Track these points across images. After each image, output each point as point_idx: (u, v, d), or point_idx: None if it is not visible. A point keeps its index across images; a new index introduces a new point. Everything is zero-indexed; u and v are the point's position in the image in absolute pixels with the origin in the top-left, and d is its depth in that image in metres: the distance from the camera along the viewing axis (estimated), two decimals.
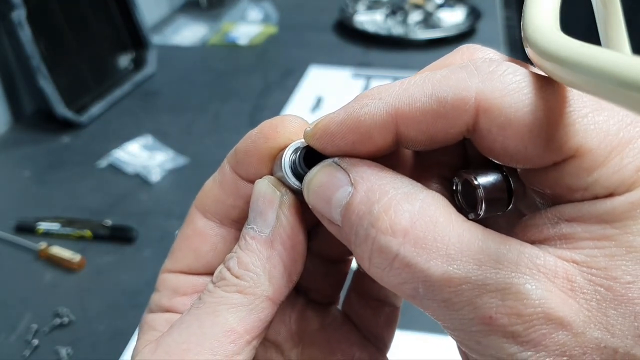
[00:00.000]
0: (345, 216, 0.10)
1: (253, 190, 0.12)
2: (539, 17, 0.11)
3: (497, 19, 0.80)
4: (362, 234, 0.10)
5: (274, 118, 0.13)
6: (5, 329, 0.34)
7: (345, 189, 0.10)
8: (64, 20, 0.58)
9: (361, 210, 0.10)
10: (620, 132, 0.09)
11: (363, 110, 0.11)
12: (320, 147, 0.12)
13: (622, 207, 0.09)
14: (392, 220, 0.10)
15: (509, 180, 0.11)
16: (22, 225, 0.42)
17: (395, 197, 0.10)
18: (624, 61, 0.08)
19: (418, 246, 0.09)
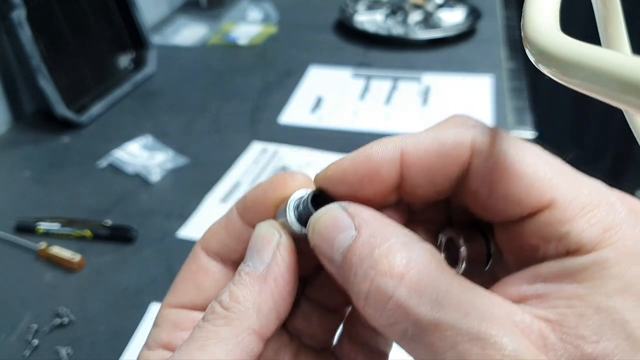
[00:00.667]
0: (347, 257, 0.11)
1: (254, 231, 0.14)
2: (539, 17, 0.11)
3: (497, 19, 0.80)
4: (361, 275, 0.11)
5: (285, 173, 0.14)
6: (5, 329, 0.34)
7: (349, 232, 0.12)
8: (64, 21, 0.58)
9: (363, 253, 0.11)
10: (592, 194, 0.11)
11: (373, 149, 0.13)
12: (332, 185, 0.13)
13: (592, 267, 0.10)
14: (391, 264, 0.11)
15: (489, 243, 0.12)
16: (22, 225, 0.42)
17: (395, 244, 0.11)
18: (624, 61, 0.08)
19: (412, 290, 0.10)
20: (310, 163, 0.49)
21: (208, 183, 0.47)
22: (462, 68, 0.65)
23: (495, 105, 0.57)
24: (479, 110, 0.57)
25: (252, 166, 0.49)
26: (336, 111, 0.58)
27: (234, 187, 0.46)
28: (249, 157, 0.51)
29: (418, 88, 0.61)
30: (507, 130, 0.53)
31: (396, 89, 0.61)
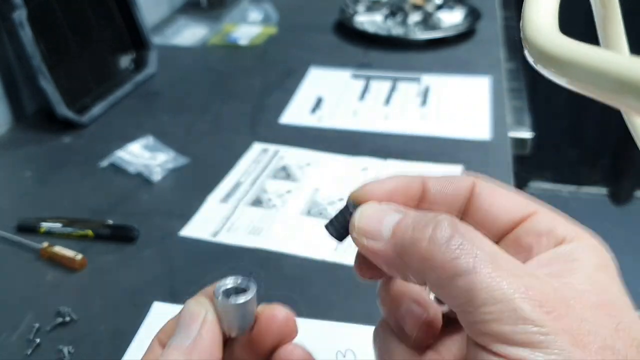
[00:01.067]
0: (397, 229, 0.13)
1: (183, 307, 0.16)
2: (538, 17, 0.12)
3: (497, 19, 0.80)
4: (419, 233, 0.13)
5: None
6: (7, 328, 0.34)
7: (395, 215, 0.14)
8: (64, 21, 0.58)
9: (413, 223, 0.13)
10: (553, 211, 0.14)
11: (402, 174, 0.15)
12: (368, 196, 0.15)
13: (577, 250, 0.14)
14: (441, 224, 0.13)
15: None
16: (24, 225, 0.42)
17: (438, 218, 0.13)
18: (622, 62, 0.09)
19: (470, 230, 0.13)
20: (310, 163, 0.50)
21: (209, 183, 0.47)
22: (461, 68, 0.66)
23: (494, 106, 0.57)
24: (478, 110, 0.57)
25: (253, 166, 0.50)
26: (336, 111, 0.58)
27: (235, 187, 0.47)
28: (249, 157, 0.51)
29: (417, 88, 0.61)
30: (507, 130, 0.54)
31: (396, 89, 0.61)
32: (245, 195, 0.45)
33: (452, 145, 0.51)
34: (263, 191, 0.46)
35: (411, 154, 0.50)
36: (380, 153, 0.50)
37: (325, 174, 0.48)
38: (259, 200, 0.45)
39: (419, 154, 0.50)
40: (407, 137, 0.53)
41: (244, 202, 0.45)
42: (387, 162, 0.49)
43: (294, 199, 0.44)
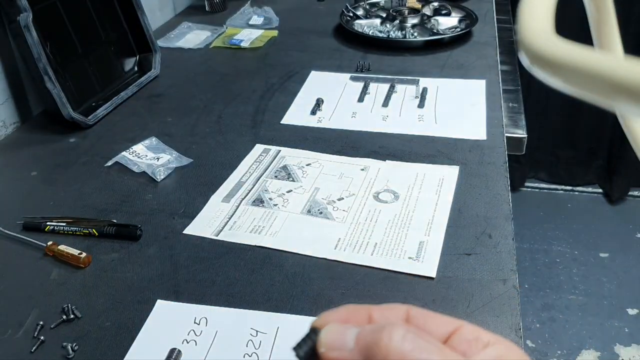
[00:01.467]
0: (360, 337, 0.16)
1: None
2: (533, 21, 0.12)
3: (493, 23, 0.81)
4: (379, 331, 0.16)
5: None
6: (13, 325, 0.35)
7: (354, 329, 0.16)
8: (70, 24, 0.59)
9: (372, 330, 0.16)
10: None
11: (352, 305, 0.18)
12: (329, 317, 0.18)
13: (500, 350, 0.17)
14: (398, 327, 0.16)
15: None
16: (30, 224, 0.42)
17: (390, 326, 0.16)
18: (616, 64, 0.09)
19: (418, 330, 0.16)
20: (310, 163, 0.50)
21: (212, 183, 0.48)
22: (458, 71, 0.67)
23: (490, 107, 0.58)
24: (474, 111, 0.58)
25: (255, 166, 0.50)
26: (336, 113, 0.59)
27: (237, 187, 0.47)
28: (251, 158, 0.51)
29: (415, 90, 0.62)
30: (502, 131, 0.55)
31: (394, 91, 0.62)
32: (247, 195, 0.46)
33: (448, 145, 0.52)
34: (264, 191, 0.47)
35: (409, 154, 0.51)
36: (379, 153, 0.51)
37: (325, 174, 0.49)
38: (260, 200, 0.45)
39: (417, 154, 0.51)
40: (405, 137, 0.54)
41: (245, 201, 0.45)
42: (386, 163, 0.50)
43: (295, 199, 0.45)
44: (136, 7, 0.65)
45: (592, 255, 1.21)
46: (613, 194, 1.36)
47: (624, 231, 1.27)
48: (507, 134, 0.55)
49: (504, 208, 0.43)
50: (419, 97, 0.61)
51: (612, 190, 1.36)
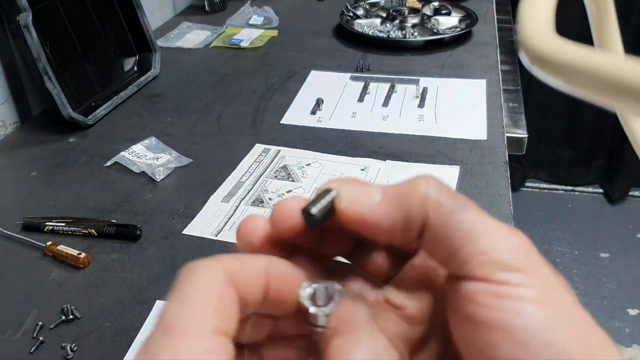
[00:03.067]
0: (387, 190, 0.14)
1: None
2: (533, 21, 0.12)
3: (493, 22, 0.81)
4: (410, 183, 0.14)
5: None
6: (12, 326, 0.35)
7: (375, 185, 0.14)
8: (70, 24, 0.58)
9: (399, 185, 0.14)
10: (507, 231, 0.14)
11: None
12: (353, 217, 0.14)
13: (526, 276, 0.13)
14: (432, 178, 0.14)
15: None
16: (29, 224, 0.42)
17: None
18: (616, 64, 0.09)
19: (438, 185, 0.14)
20: (310, 163, 0.50)
21: (211, 183, 0.48)
22: (458, 71, 0.67)
23: (491, 107, 0.58)
24: (475, 111, 0.58)
25: (254, 166, 0.50)
26: (336, 113, 0.59)
27: (237, 187, 0.47)
28: (251, 158, 0.51)
29: (415, 90, 0.62)
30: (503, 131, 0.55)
31: (394, 91, 0.62)
32: (247, 195, 0.46)
33: (449, 145, 0.52)
34: (264, 191, 0.46)
35: (409, 154, 0.51)
36: (379, 153, 0.51)
37: (325, 174, 0.49)
38: (260, 200, 0.45)
39: (417, 154, 0.51)
40: (405, 137, 0.54)
41: (245, 201, 0.45)
42: (386, 163, 0.50)
43: None
44: (136, 7, 0.65)
45: (593, 255, 1.21)
46: (613, 194, 1.36)
47: (624, 231, 1.27)
48: (507, 133, 0.55)
49: (504, 208, 0.43)
50: (419, 97, 0.61)
51: (613, 190, 1.36)
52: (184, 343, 0.11)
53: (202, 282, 0.13)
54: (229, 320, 0.12)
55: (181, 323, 0.12)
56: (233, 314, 0.13)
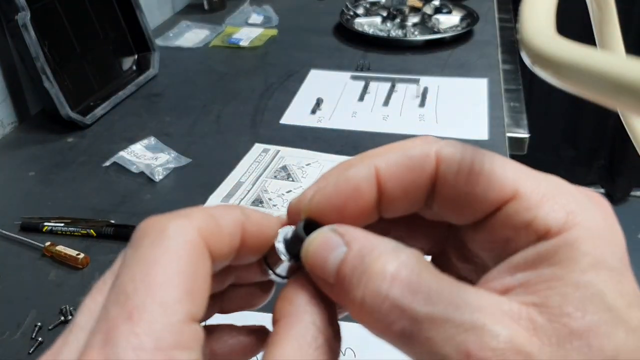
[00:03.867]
0: (340, 271, 0.12)
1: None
2: (535, 19, 0.12)
3: (494, 21, 0.81)
4: (355, 282, 0.12)
5: (266, 215, 0.14)
6: (10, 327, 0.34)
7: (340, 249, 0.12)
8: (68, 23, 0.58)
9: (354, 264, 0.12)
10: (551, 185, 0.12)
11: (351, 170, 0.13)
12: (319, 211, 0.13)
13: (563, 248, 0.11)
14: (382, 267, 0.11)
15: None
16: (27, 224, 0.42)
17: (384, 251, 0.12)
18: (618, 63, 0.09)
19: (404, 289, 0.11)
20: (310, 163, 0.50)
21: (210, 183, 0.48)
22: (459, 70, 0.66)
23: (492, 107, 0.58)
24: (476, 111, 0.58)
25: (254, 166, 0.50)
26: (336, 112, 0.59)
27: (236, 187, 0.47)
28: (250, 158, 0.51)
29: (416, 90, 0.62)
30: (504, 131, 0.54)
31: (395, 90, 0.62)
32: (246, 195, 0.46)
33: None
34: (264, 191, 0.46)
35: None
36: None
37: None
38: (259, 200, 0.45)
39: None
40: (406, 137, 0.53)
41: (244, 201, 0.45)
42: None
43: None
44: (135, 6, 0.65)
45: None
46: (615, 194, 1.36)
47: (626, 231, 1.24)
48: (508, 133, 0.55)
49: None
50: (420, 97, 0.60)
51: (614, 191, 1.36)
52: (152, 335, 0.10)
53: (174, 249, 0.11)
54: (201, 301, 0.11)
55: (148, 306, 0.10)
56: (206, 291, 0.11)
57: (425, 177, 0.13)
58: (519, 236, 0.11)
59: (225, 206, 0.13)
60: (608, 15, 0.22)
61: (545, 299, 0.11)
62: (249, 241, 0.13)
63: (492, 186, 0.12)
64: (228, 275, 0.15)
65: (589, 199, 0.12)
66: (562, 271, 0.11)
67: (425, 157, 0.13)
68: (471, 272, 0.14)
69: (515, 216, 0.11)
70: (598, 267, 0.11)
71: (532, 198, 0.12)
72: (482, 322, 0.10)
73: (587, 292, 0.10)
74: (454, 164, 0.12)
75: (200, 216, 0.12)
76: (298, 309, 0.12)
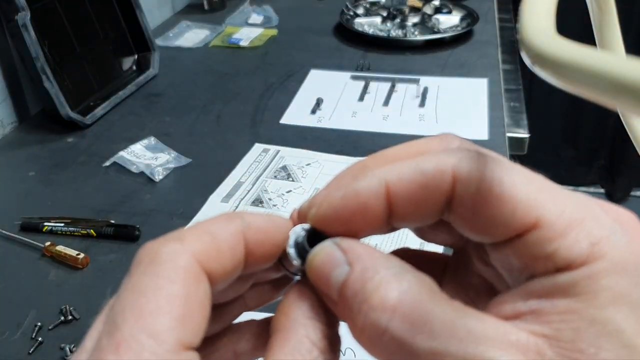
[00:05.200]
0: (342, 293, 0.12)
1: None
2: (535, 19, 0.12)
3: (494, 21, 0.81)
4: (356, 310, 0.11)
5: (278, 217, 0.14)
6: (11, 327, 0.34)
7: (343, 267, 0.12)
8: (68, 23, 0.58)
9: (356, 288, 0.11)
10: (577, 209, 0.11)
11: (359, 184, 0.12)
12: (324, 223, 0.13)
13: (582, 281, 0.10)
14: (382, 297, 0.11)
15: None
16: (27, 224, 0.42)
17: (386, 276, 0.11)
18: (618, 64, 0.09)
19: (405, 322, 0.11)
20: (310, 163, 0.50)
21: (211, 183, 0.48)
22: (459, 70, 0.66)
23: (492, 107, 0.58)
24: (476, 111, 0.58)
25: (254, 166, 0.50)
26: (336, 112, 0.59)
27: (236, 187, 0.47)
28: (250, 158, 0.51)
29: (416, 90, 0.62)
30: (504, 131, 0.54)
31: (395, 90, 0.62)
32: (246, 195, 0.46)
33: None
34: (264, 191, 0.46)
35: None
36: None
37: (325, 174, 0.48)
38: (259, 200, 0.45)
39: None
40: (406, 137, 0.53)
41: (245, 201, 0.45)
42: None
43: (295, 199, 0.45)
44: (134, 6, 0.65)
45: None
46: (615, 194, 1.36)
47: None
48: (508, 133, 0.55)
49: None
50: (420, 97, 0.60)
51: (614, 191, 1.36)
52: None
53: (165, 276, 0.11)
54: (196, 327, 0.11)
55: (135, 334, 0.10)
56: (203, 316, 0.11)
57: (440, 195, 0.12)
58: (538, 265, 0.11)
59: (224, 218, 0.13)
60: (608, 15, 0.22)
61: (557, 331, 0.10)
62: (256, 250, 0.13)
63: (512, 212, 0.11)
64: (248, 278, 0.14)
65: (619, 223, 0.11)
66: (578, 305, 0.10)
67: (441, 175, 0.12)
68: (492, 276, 0.14)
69: (536, 246, 0.11)
70: (619, 302, 0.10)
71: (555, 227, 0.11)
72: (487, 356, 0.10)
73: (604, 328, 0.10)
74: (472, 184, 0.11)
75: (195, 237, 0.12)
76: (293, 323, 0.12)
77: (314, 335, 0.12)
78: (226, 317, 0.15)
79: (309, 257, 0.13)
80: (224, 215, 0.13)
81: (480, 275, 0.14)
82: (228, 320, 0.15)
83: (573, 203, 0.11)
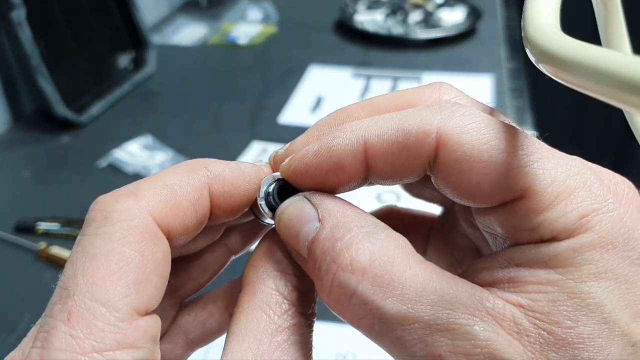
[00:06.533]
0: (311, 250, 0.11)
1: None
2: (539, 16, 0.11)
3: (498, 18, 0.80)
4: (324, 269, 0.11)
5: (252, 164, 0.13)
6: (5, 329, 0.34)
7: (313, 223, 0.11)
8: (63, 20, 0.58)
9: (325, 246, 0.11)
10: (567, 180, 0.10)
11: (335, 141, 0.12)
12: (296, 178, 0.12)
13: (565, 253, 0.10)
14: (353, 257, 0.10)
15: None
16: (22, 225, 0.42)
17: (357, 236, 0.11)
18: (624, 61, 0.08)
19: (375, 284, 0.10)
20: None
21: None
22: (462, 68, 0.65)
23: (496, 105, 0.57)
24: None
25: None
26: None
27: None
28: (248, 157, 0.50)
29: None
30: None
31: (396, 88, 0.61)
32: None
33: None
34: None
35: None
36: None
37: None
38: None
39: None
40: None
41: None
42: None
43: None
44: (130, 3, 0.64)
45: None
46: None
47: None
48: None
49: None
50: None
51: None
52: (90, 337, 0.09)
53: (117, 237, 0.10)
54: (153, 290, 0.10)
55: (87, 303, 0.09)
56: (161, 277, 0.10)
57: (422, 157, 0.11)
58: (522, 235, 0.10)
59: (186, 168, 0.12)
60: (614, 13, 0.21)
61: (533, 302, 0.10)
62: (223, 203, 0.12)
63: (500, 180, 0.10)
64: (219, 227, 0.13)
65: (614, 193, 0.10)
66: (557, 277, 0.10)
67: (424, 136, 0.11)
68: (478, 238, 0.13)
69: (522, 217, 0.10)
70: (602, 277, 0.10)
71: (544, 198, 0.10)
72: (458, 322, 0.09)
73: (582, 302, 0.10)
74: (457, 149, 0.10)
75: (152, 191, 0.11)
76: (262, 275, 0.11)
77: (284, 288, 0.11)
78: (212, 267, 0.14)
79: (278, 211, 0.12)
80: (185, 164, 0.12)
81: (466, 236, 0.14)
82: (215, 270, 0.14)
83: (566, 171, 0.10)
